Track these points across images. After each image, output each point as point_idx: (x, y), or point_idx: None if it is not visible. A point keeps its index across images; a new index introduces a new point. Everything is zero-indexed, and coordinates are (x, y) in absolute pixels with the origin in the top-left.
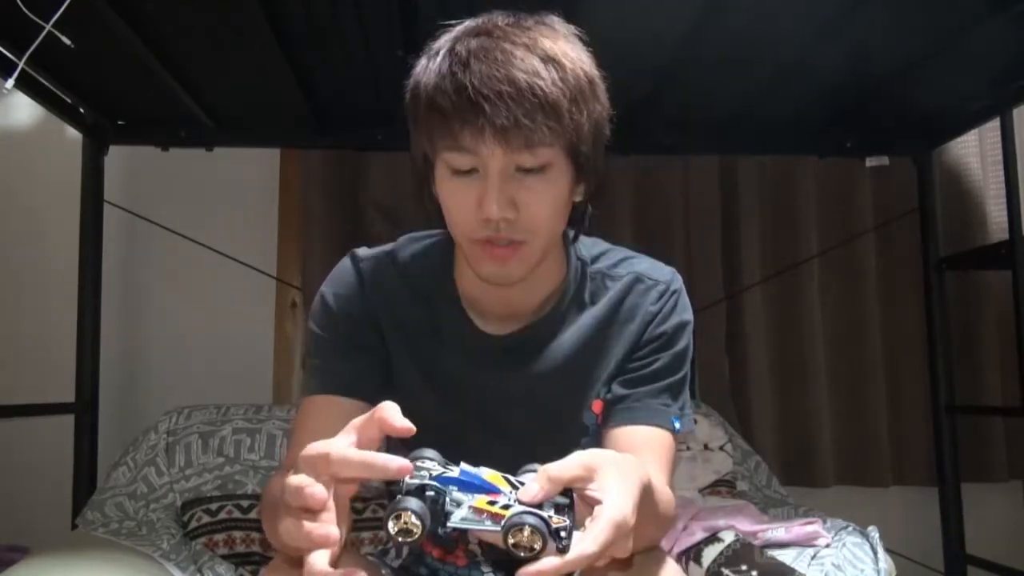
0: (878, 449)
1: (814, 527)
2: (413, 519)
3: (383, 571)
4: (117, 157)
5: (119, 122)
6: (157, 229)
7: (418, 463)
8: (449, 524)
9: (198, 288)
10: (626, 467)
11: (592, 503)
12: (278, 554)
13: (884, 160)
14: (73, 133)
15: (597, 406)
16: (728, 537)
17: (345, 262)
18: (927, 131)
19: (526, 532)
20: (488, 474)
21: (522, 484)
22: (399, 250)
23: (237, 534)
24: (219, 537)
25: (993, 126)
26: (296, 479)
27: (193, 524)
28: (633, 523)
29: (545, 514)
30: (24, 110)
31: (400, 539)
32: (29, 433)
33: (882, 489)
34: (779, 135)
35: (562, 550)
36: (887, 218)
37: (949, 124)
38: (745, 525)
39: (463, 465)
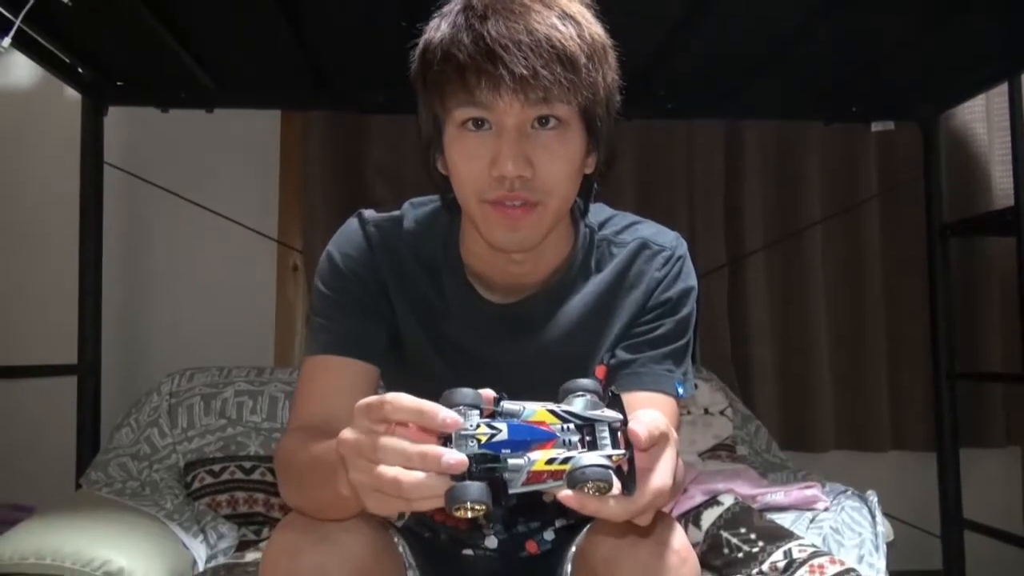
0: (877, 414)
1: (813, 491)
2: (475, 507)
3: (390, 530)
4: (117, 119)
5: (118, 83)
6: (158, 191)
7: (462, 429)
8: (511, 492)
9: (199, 251)
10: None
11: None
12: (291, 514)
13: (890, 125)
14: (72, 94)
15: (600, 371)
16: (727, 500)
17: (352, 223)
18: (934, 96)
19: (589, 485)
20: (535, 414)
21: (571, 414)
22: (404, 216)
23: (240, 495)
24: (222, 498)
25: (1000, 91)
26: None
27: (196, 485)
28: (667, 497)
29: (604, 455)
30: (22, 70)
31: (466, 518)
32: (33, 394)
33: (881, 454)
34: (784, 100)
35: (627, 490)
36: (891, 184)
37: (956, 89)
38: (744, 489)
39: (506, 404)
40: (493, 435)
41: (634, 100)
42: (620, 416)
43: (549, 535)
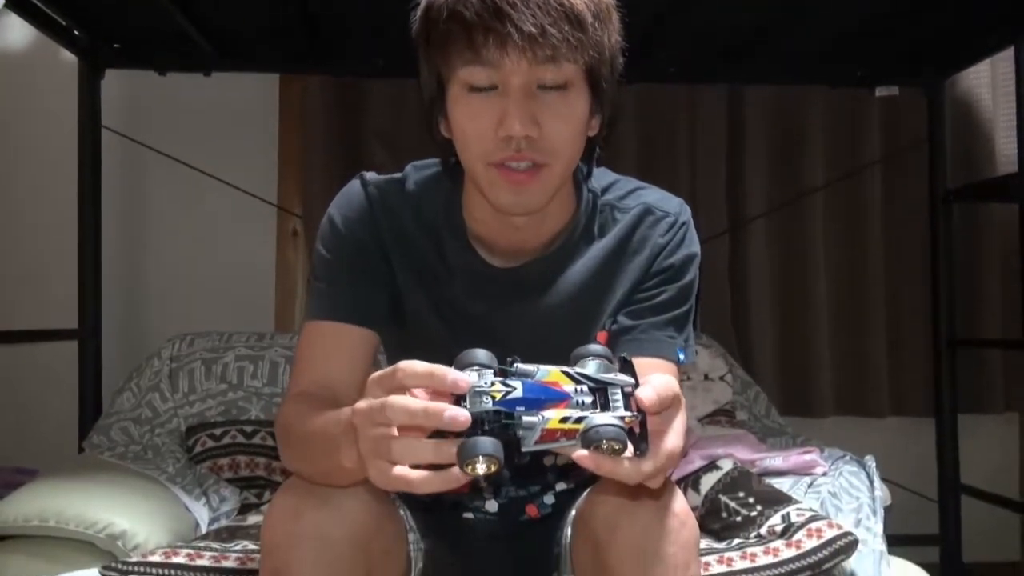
0: (876, 380)
1: (811, 456)
2: (488, 463)
3: (391, 495)
4: (114, 82)
5: (115, 45)
6: (157, 156)
7: (474, 387)
8: (524, 450)
9: (199, 215)
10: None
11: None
12: (292, 477)
13: (894, 90)
14: (68, 57)
15: (602, 337)
16: (726, 465)
17: (354, 184)
18: (939, 60)
19: (604, 445)
20: (549, 375)
21: (584, 377)
22: (406, 178)
23: (241, 458)
24: (223, 461)
25: (1006, 56)
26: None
27: (198, 449)
28: (679, 459)
29: (617, 416)
30: (17, 33)
31: (479, 475)
32: (35, 359)
33: (880, 420)
34: (787, 64)
35: (640, 455)
36: (894, 150)
37: (962, 54)
38: (743, 454)
39: (519, 365)
40: (507, 392)
41: (636, 64)
42: (632, 380)
43: (549, 499)
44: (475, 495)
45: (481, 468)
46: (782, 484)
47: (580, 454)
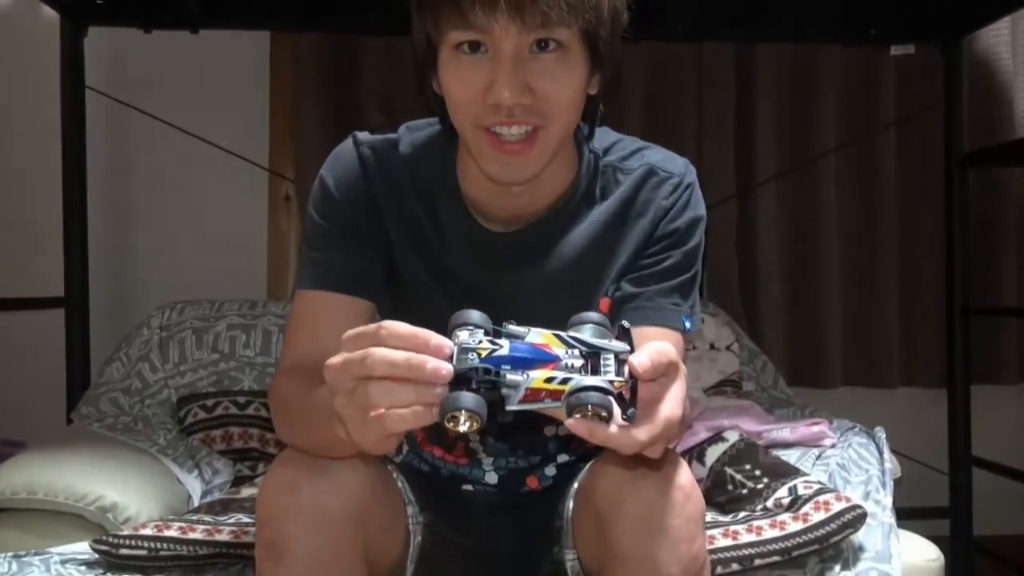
0: (888, 350)
1: (820, 428)
2: (469, 418)
3: (388, 466)
4: (98, 40)
5: (98, 1)
6: (143, 118)
7: (462, 343)
8: (508, 408)
9: (188, 180)
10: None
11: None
12: (287, 449)
13: (910, 49)
14: (49, 13)
15: (604, 304)
16: (732, 437)
17: (347, 145)
18: (956, 18)
19: (589, 409)
20: (540, 337)
21: (577, 341)
22: (400, 139)
23: (234, 430)
24: (216, 433)
25: None
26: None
27: (189, 420)
28: (676, 428)
29: (605, 379)
30: None
31: (459, 432)
32: (22, 327)
33: (890, 390)
34: (800, 22)
35: (627, 420)
36: (909, 112)
37: (980, 11)
38: (750, 425)
39: (510, 327)
40: (494, 350)
41: (642, 22)
42: (628, 347)
43: (551, 470)
44: (475, 467)
45: (463, 424)
46: (789, 456)
47: (572, 422)
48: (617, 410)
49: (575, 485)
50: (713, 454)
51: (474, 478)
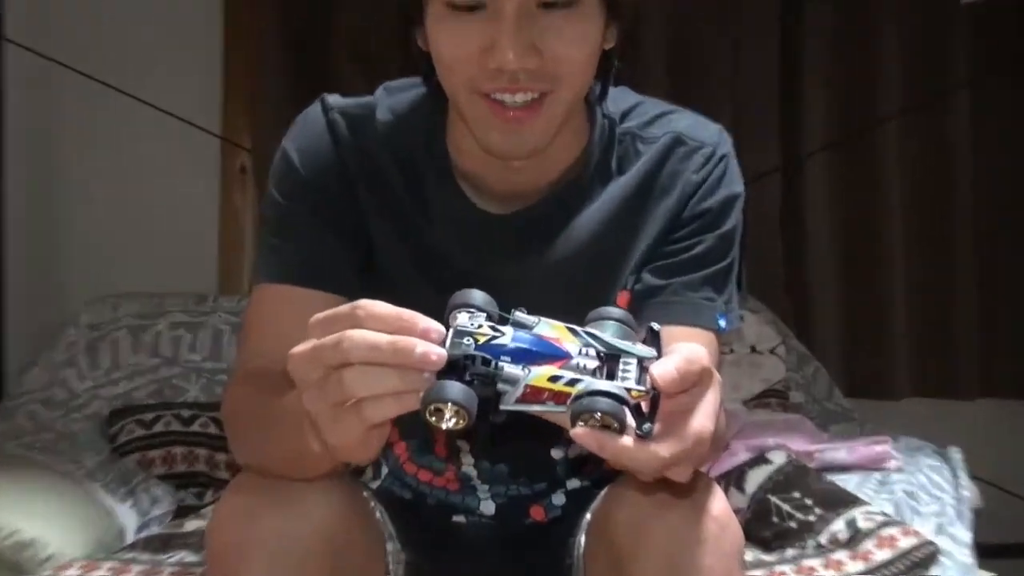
0: (964, 354)
1: (883, 447)
2: (455, 413)
3: (364, 493)
4: None
5: None
6: (72, 75)
7: (459, 326)
8: (502, 407)
9: (125, 149)
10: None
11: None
12: (243, 473)
13: None
14: None
15: (623, 299)
16: (778, 458)
17: (314, 110)
18: None
19: (597, 417)
20: (550, 329)
21: (595, 338)
22: (378, 103)
23: (177, 450)
24: (156, 454)
25: None
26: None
27: (123, 438)
28: (708, 446)
29: (622, 386)
30: None
31: (441, 428)
32: None
33: (967, 403)
34: None
35: (642, 436)
36: (985, 69)
37: None
38: (799, 444)
39: (519, 314)
40: (494, 338)
41: None
42: (654, 352)
43: (559, 499)
44: (468, 493)
45: (448, 419)
46: (847, 481)
47: (577, 432)
48: (632, 424)
49: (588, 516)
50: (755, 479)
51: (467, 507)
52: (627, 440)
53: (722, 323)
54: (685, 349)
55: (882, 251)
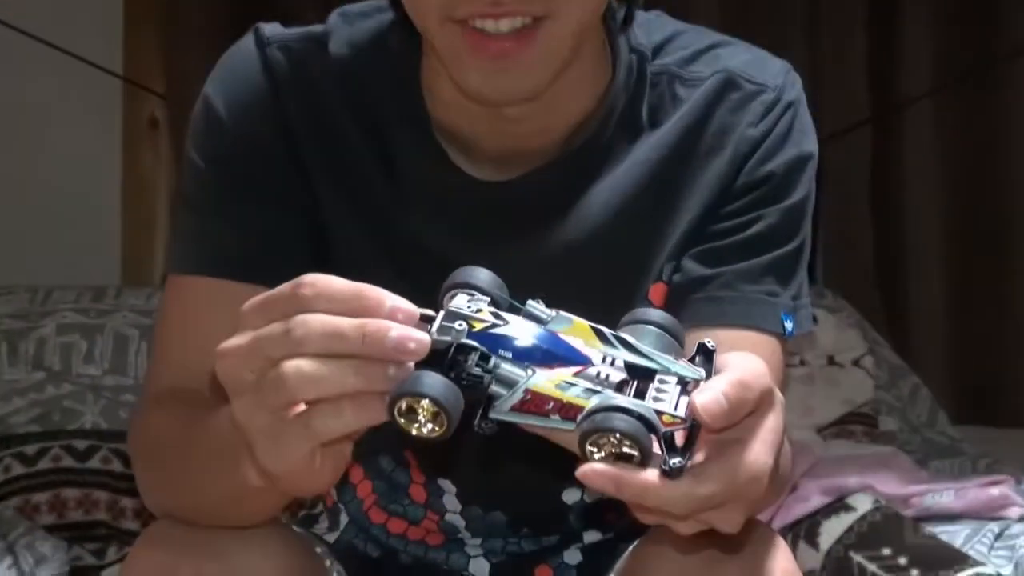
0: None
1: (1001, 490)
2: (432, 415)
3: (317, 548)
4: None
5: None
6: None
7: (453, 308)
8: (493, 415)
9: None
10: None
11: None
12: (157, 522)
13: None
14: None
15: (657, 293)
16: (863, 504)
17: (246, 45)
18: None
19: (614, 439)
20: (571, 325)
21: (625, 345)
22: (331, 34)
23: (70, 493)
24: (41, 498)
25: None
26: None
27: None
28: (765, 486)
29: (651, 407)
30: None
31: (412, 434)
32: None
33: None
34: None
35: (669, 472)
36: None
37: None
38: (890, 486)
39: (534, 305)
40: (494, 326)
41: None
42: (703, 374)
43: (573, 557)
44: (454, 547)
45: (424, 422)
46: (954, 535)
47: (585, 470)
48: (658, 454)
49: None
50: (832, 531)
51: (452, 568)
52: (650, 475)
53: (789, 325)
54: (740, 364)
55: (1006, 231)
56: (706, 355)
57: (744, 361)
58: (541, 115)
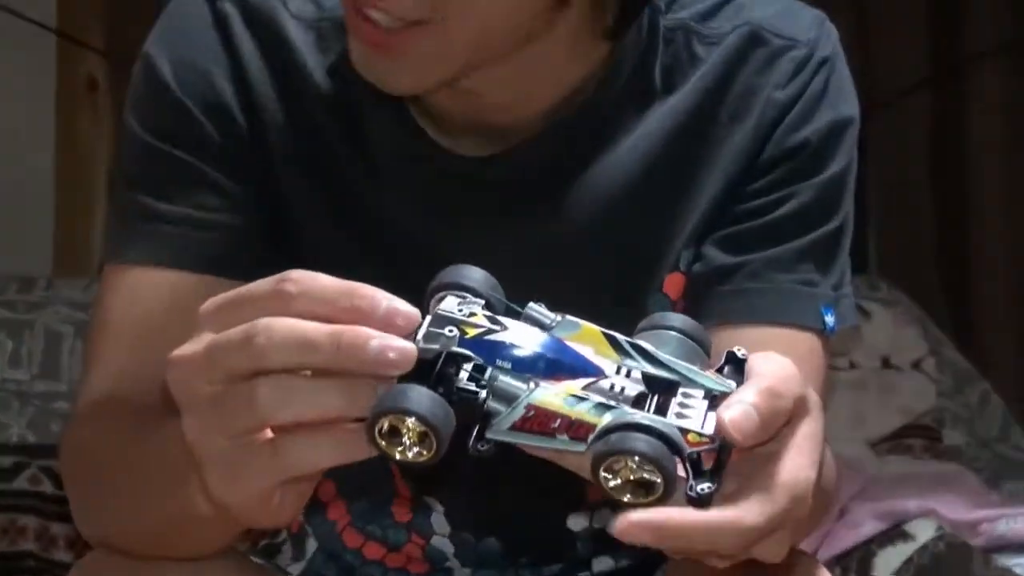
0: None
1: None
2: (416, 433)
3: None
4: None
5: None
6: None
7: (442, 311)
8: (489, 435)
9: None
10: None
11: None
12: (93, 552)
13: None
14: None
15: (674, 284)
16: (924, 532)
17: None
18: None
19: (633, 463)
20: (579, 330)
21: (642, 353)
22: None
23: None
24: None
25: None
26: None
27: None
28: (808, 506)
29: (674, 424)
30: None
31: (396, 459)
32: None
33: None
34: None
35: (696, 499)
36: None
37: None
38: (956, 511)
39: (535, 308)
40: (491, 332)
41: None
42: (733, 387)
43: None
44: (437, 572)
45: (409, 446)
46: None
47: (622, 523)
48: (682, 476)
49: None
50: (888, 563)
51: None
52: (702, 516)
53: (829, 320)
54: (766, 369)
55: None
56: (736, 365)
57: (770, 365)
58: (501, 91)
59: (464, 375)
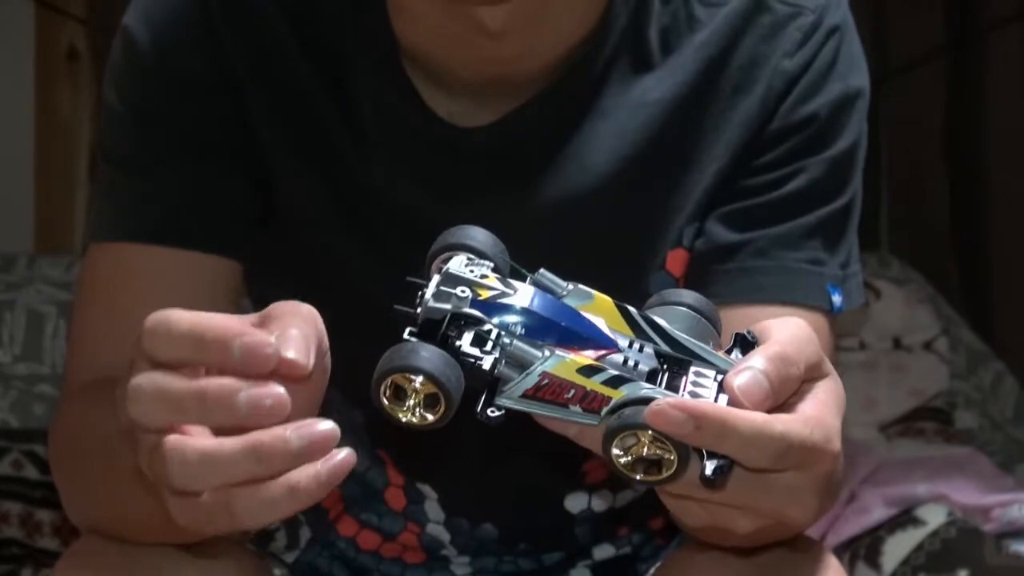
0: None
1: None
2: (424, 391)
3: (276, 572)
4: None
5: None
6: None
7: (450, 271)
8: (499, 400)
9: None
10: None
11: None
12: (83, 538)
13: None
14: None
15: (677, 261)
16: (934, 517)
17: None
18: None
19: (646, 439)
20: (592, 300)
21: (656, 328)
22: None
23: None
24: None
25: None
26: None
27: None
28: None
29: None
30: None
31: (401, 421)
32: None
33: None
34: None
35: (709, 479)
36: None
37: None
38: (968, 495)
39: (545, 274)
40: (503, 295)
41: None
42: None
43: (581, 575)
44: (435, 566)
45: (413, 407)
46: None
47: (658, 405)
48: (694, 463)
49: None
50: (897, 550)
51: None
52: (740, 411)
53: (837, 299)
54: (780, 334)
55: None
56: (745, 347)
57: (785, 328)
58: (528, 28)
59: (469, 337)
